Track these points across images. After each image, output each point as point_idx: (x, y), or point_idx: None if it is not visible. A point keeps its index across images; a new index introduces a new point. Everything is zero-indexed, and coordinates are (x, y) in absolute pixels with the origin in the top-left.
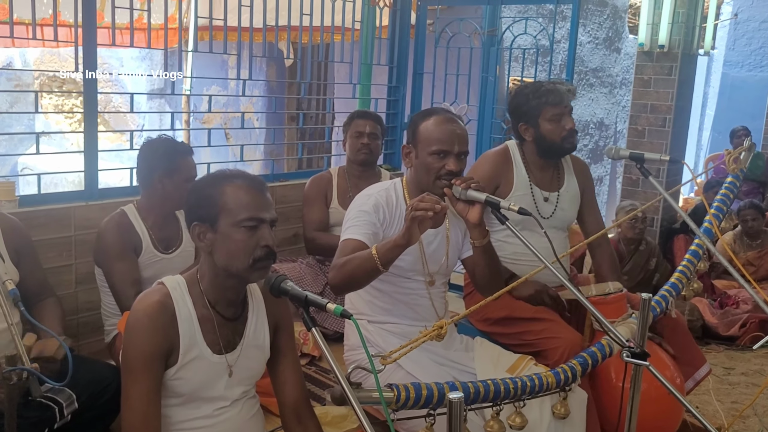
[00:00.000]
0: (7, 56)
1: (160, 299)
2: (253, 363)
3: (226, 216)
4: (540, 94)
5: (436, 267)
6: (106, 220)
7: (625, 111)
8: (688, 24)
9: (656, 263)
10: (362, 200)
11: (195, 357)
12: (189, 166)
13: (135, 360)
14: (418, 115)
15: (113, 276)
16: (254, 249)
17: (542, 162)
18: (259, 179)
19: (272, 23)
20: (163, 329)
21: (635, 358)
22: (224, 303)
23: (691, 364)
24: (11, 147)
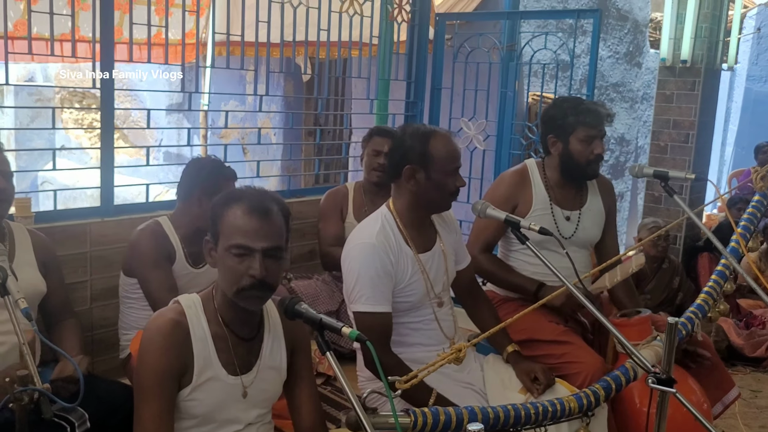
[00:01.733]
0: (29, 71)
1: (174, 317)
2: (269, 385)
3: (223, 238)
4: (579, 111)
5: (440, 286)
6: (141, 228)
7: (646, 126)
8: (711, 39)
9: (680, 282)
10: (363, 255)
11: (210, 378)
12: (225, 187)
13: (147, 379)
14: (418, 137)
15: (150, 283)
16: (241, 278)
17: (564, 180)
18: (267, 199)
19: (290, 38)
20: (176, 348)
21: (661, 385)
22: (238, 322)
23: (719, 387)
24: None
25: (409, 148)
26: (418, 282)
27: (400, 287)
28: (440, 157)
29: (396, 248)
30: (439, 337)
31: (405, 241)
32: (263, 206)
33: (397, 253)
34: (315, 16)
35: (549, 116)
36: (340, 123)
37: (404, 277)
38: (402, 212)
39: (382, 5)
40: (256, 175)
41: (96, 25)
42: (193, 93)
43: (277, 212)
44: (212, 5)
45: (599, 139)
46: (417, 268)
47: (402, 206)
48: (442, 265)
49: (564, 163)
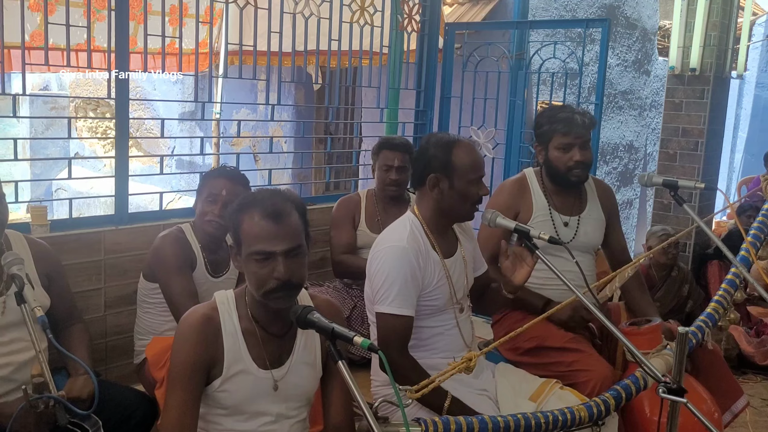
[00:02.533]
0: (44, 80)
1: (206, 312)
2: (302, 380)
3: (244, 246)
4: (553, 120)
5: (462, 292)
6: (164, 235)
7: (655, 134)
8: (720, 47)
9: (689, 290)
10: (396, 258)
11: (240, 371)
12: (214, 186)
13: (176, 370)
14: (442, 146)
15: (172, 288)
16: (266, 281)
17: (559, 187)
18: (280, 202)
19: (301, 48)
20: (206, 341)
21: (672, 395)
22: (267, 319)
23: (728, 396)
24: (46, 169)
25: (433, 157)
26: (444, 287)
27: (426, 291)
28: (463, 166)
29: (424, 252)
30: (459, 343)
31: (432, 246)
32: (277, 209)
33: (425, 257)
34: (326, 26)
35: (535, 124)
36: (350, 131)
37: (431, 281)
38: (427, 218)
39: (392, 15)
40: (267, 183)
41: (111, 35)
42: (206, 103)
43: (292, 210)
44: (225, 15)
45: (578, 147)
46: (443, 273)
47: (426, 213)
48: (463, 271)
49: (548, 170)
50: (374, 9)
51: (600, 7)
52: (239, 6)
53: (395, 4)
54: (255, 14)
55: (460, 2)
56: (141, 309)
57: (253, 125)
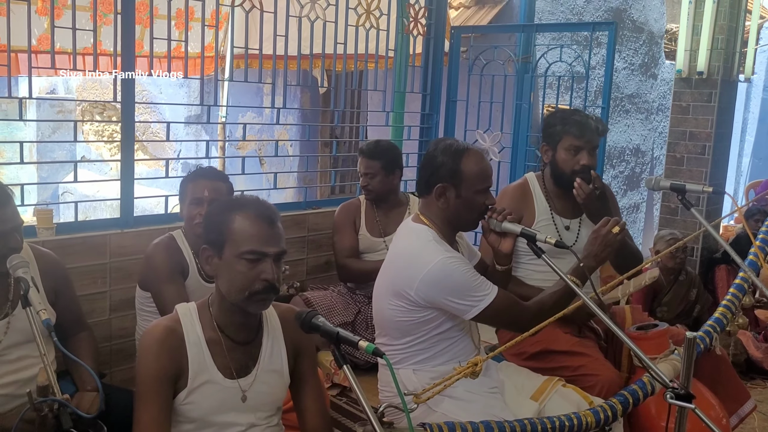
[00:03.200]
0: (51, 83)
1: (168, 324)
2: (270, 388)
3: (231, 245)
4: (567, 121)
5: None
6: (155, 243)
7: (662, 137)
8: (728, 50)
9: (697, 294)
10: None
11: (205, 381)
12: (197, 188)
13: (144, 384)
14: (451, 154)
15: (163, 298)
16: (253, 282)
17: (561, 190)
18: (271, 210)
19: (307, 52)
20: (169, 352)
21: (680, 400)
22: (233, 327)
23: (735, 399)
24: (53, 172)
25: (441, 165)
26: None
27: None
28: (471, 175)
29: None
30: (470, 347)
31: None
32: (269, 213)
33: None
34: (332, 29)
35: (544, 124)
36: (356, 135)
37: None
38: (435, 226)
39: (398, 19)
40: (273, 186)
41: (117, 39)
42: (212, 106)
43: (279, 219)
44: (231, 19)
45: (587, 151)
46: None
47: (435, 221)
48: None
49: (553, 171)
50: (380, 12)
51: (606, 11)
52: (245, 9)
53: (401, 8)
54: (261, 18)
55: (466, 6)
56: (140, 317)
57: (259, 129)
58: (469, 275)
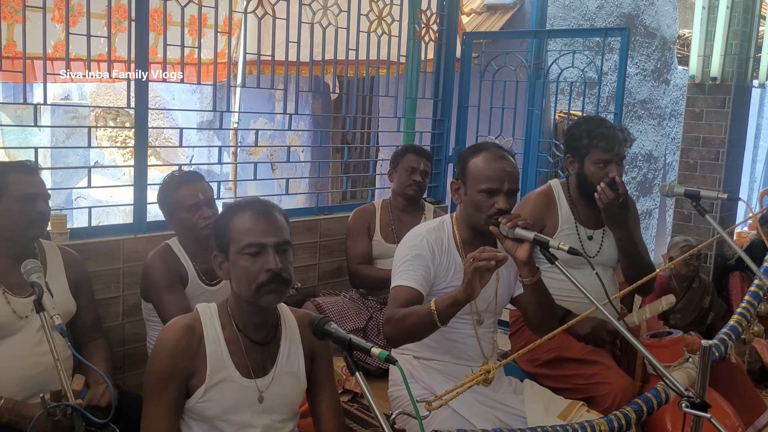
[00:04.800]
0: (65, 89)
1: (189, 322)
2: (287, 390)
3: (234, 244)
4: (594, 135)
5: (485, 305)
6: (152, 255)
7: (675, 143)
8: (741, 55)
9: (710, 301)
10: (411, 240)
11: (223, 379)
12: (187, 196)
13: (152, 379)
14: (468, 151)
15: (164, 308)
16: (257, 275)
17: (585, 200)
18: (268, 204)
19: (319, 58)
20: (186, 351)
21: (695, 409)
22: (252, 327)
23: (750, 410)
24: (66, 177)
25: (458, 163)
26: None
27: (439, 287)
28: (475, 174)
29: (445, 249)
30: (477, 353)
31: (457, 248)
32: (266, 208)
33: (446, 252)
34: (344, 35)
35: (569, 135)
36: (367, 141)
37: (445, 277)
38: (458, 223)
39: (409, 25)
40: (284, 192)
41: (131, 45)
42: (224, 112)
43: (279, 212)
44: (243, 25)
45: (615, 164)
46: (461, 276)
47: (459, 218)
48: (492, 285)
49: (579, 183)
50: (392, 19)
51: (619, 16)
52: (257, 16)
53: (413, 14)
54: (273, 24)
55: (478, 12)
56: (149, 326)
57: (271, 134)
58: (408, 254)
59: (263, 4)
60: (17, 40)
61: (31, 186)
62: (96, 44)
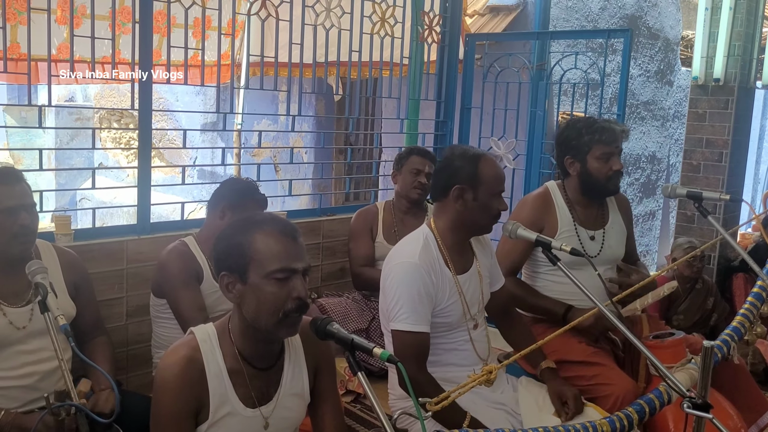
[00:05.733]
0: (70, 91)
1: (188, 354)
2: (291, 413)
3: (256, 267)
4: (593, 130)
5: (476, 307)
6: (168, 250)
7: (678, 144)
8: (745, 57)
9: (714, 303)
10: (407, 275)
11: (227, 413)
12: (252, 210)
13: (163, 420)
14: (468, 158)
15: (180, 304)
16: (285, 302)
17: (585, 200)
18: (291, 225)
19: (322, 59)
20: (190, 387)
21: (697, 410)
22: (256, 355)
23: (753, 410)
24: (71, 179)
25: (459, 168)
26: (456, 304)
27: (439, 308)
28: (489, 178)
29: (437, 269)
30: (473, 358)
31: (445, 262)
32: (291, 228)
33: (438, 273)
34: (347, 37)
35: (563, 138)
36: (370, 142)
37: (443, 298)
38: (443, 232)
39: (412, 27)
40: (288, 193)
41: (135, 48)
42: (228, 114)
43: (299, 233)
44: (247, 27)
45: (616, 156)
46: (455, 290)
47: (444, 226)
48: (477, 286)
49: (584, 182)
50: (395, 20)
51: (622, 18)
52: (261, 18)
53: (416, 16)
54: (276, 26)
55: (481, 13)
56: (156, 324)
57: (274, 136)
58: (408, 291)
59: (266, 6)
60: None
61: (10, 198)
62: (100, 46)
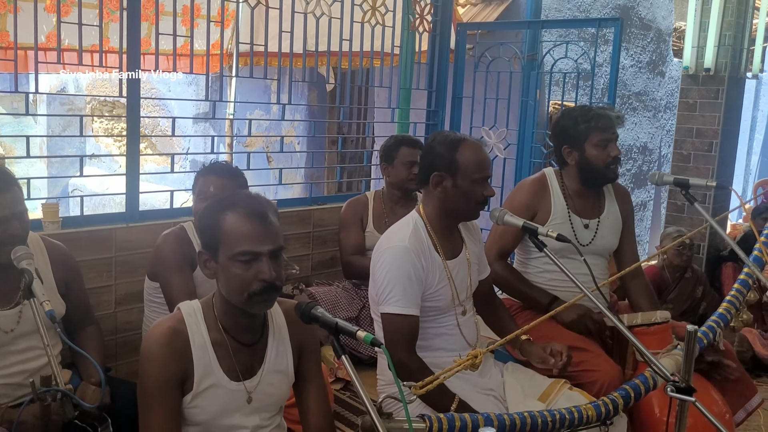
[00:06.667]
0: (62, 82)
1: (173, 325)
2: (275, 389)
3: (224, 247)
4: (589, 118)
5: (465, 293)
6: (165, 234)
7: (670, 135)
8: (735, 47)
9: (703, 291)
10: (398, 259)
11: (211, 385)
12: (204, 183)
13: (150, 389)
14: (447, 144)
15: (171, 288)
16: (250, 283)
17: (582, 189)
18: (263, 205)
19: (313, 49)
20: (175, 356)
21: (681, 393)
22: (239, 329)
23: (741, 394)
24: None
25: (438, 156)
26: (445, 288)
27: (428, 292)
28: (467, 165)
29: (427, 253)
30: (462, 343)
31: (434, 247)
32: (261, 209)
33: (428, 257)
34: (338, 26)
35: (560, 128)
36: (362, 132)
37: (433, 282)
38: (431, 218)
39: (403, 16)
40: (278, 182)
41: (123, 36)
42: (218, 102)
43: (273, 213)
44: (237, 16)
45: (613, 142)
46: (444, 274)
47: (431, 212)
48: (466, 273)
49: (583, 170)
50: (386, 9)
51: (614, 8)
52: (250, 5)
53: (407, 4)
54: (266, 14)
55: (473, 3)
56: (148, 308)
57: (267, 126)
58: (398, 274)
59: None
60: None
61: (2, 208)
62: (88, 35)
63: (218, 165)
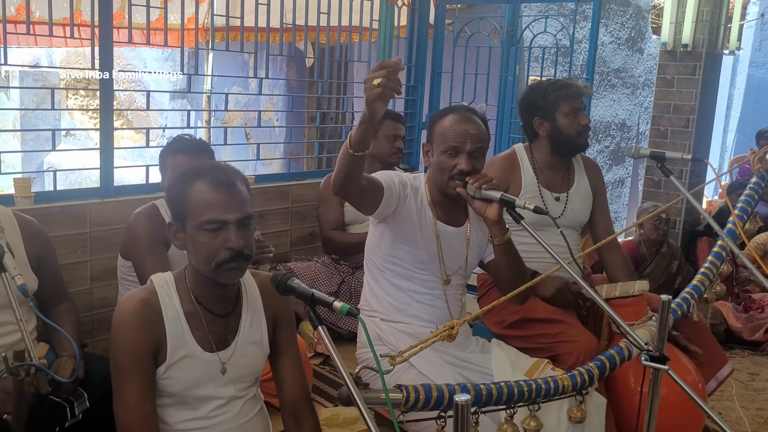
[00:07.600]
0: (35, 56)
1: (145, 296)
2: (250, 360)
3: (191, 217)
4: (559, 87)
5: (455, 267)
6: (137, 212)
7: (648, 112)
8: (713, 23)
9: (678, 266)
10: (393, 173)
11: (185, 356)
12: (177, 164)
13: (123, 360)
14: (437, 114)
15: (144, 267)
16: (217, 252)
17: (553, 161)
18: (229, 174)
19: (290, 23)
20: (147, 327)
21: (654, 362)
22: (211, 300)
23: (712, 364)
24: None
25: (428, 126)
26: (431, 244)
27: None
28: (439, 134)
29: (419, 199)
30: (445, 316)
31: (429, 204)
32: (227, 178)
33: (417, 198)
34: (315, 0)
35: (529, 101)
36: (341, 107)
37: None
38: (429, 184)
39: None
40: (256, 157)
41: (95, 8)
42: (194, 76)
43: (240, 181)
44: None
45: (582, 111)
46: (432, 232)
47: (429, 178)
48: (462, 249)
49: (555, 141)
50: None
51: None
52: None
53: None
54: None
55: None
56: (122, 286)
57: (245, 103)
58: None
59: None
60: None
61: None
62: (60, 7)
63: (184, 141)
